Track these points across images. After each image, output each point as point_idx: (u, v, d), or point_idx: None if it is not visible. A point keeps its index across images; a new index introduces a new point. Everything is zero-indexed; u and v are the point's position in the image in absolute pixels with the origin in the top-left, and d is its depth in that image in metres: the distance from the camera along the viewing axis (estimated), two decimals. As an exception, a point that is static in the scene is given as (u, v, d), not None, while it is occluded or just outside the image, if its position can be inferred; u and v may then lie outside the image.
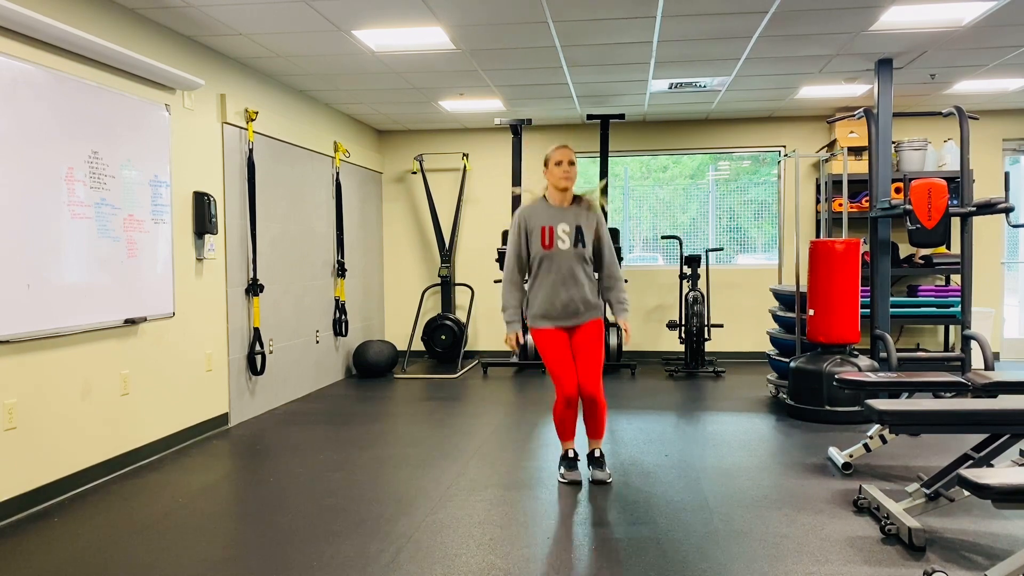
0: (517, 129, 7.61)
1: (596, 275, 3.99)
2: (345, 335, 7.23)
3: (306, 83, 6.24)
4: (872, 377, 3.88)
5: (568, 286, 3.84)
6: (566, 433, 3.96)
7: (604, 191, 4.08)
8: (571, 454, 3.97)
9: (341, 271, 7.23)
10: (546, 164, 3.90)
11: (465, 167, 8.43)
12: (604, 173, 7.53)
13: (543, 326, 3.89)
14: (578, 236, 3.84)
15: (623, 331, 3.96)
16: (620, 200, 8.54)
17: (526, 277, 3.98)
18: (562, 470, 3.96)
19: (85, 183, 3.90)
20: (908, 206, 5.24)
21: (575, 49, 5.32)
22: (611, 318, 7.68)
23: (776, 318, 6.26)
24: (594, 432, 3.99)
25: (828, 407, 5.21)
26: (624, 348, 8.26)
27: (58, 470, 3.80)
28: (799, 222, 5.96)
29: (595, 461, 4.00)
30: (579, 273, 3.85)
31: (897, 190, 7.18)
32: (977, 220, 7.51)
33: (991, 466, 3.28)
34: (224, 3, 4.28)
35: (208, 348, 5.09)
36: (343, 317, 7.18)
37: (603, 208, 4.06)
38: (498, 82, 6.30)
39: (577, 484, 3.89)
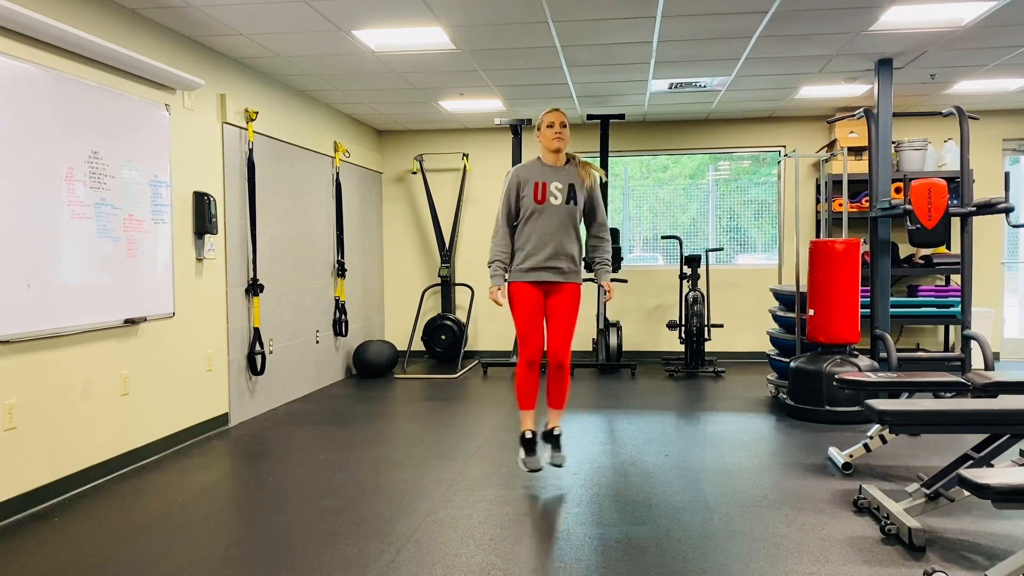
0: (517, 129, 7.60)
1: (584, 236, 4.04)
2: (345, 335, 7.23)
3: (306, 83, 6.24)
4: (872, 377, 3.88)
5: (555, 240, 3.86)
6: (526, 399, 3.96)
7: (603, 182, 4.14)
8: (529, 435, 3.96)
9: (341, 271, 7.23)
10: (538, 128, 3.94)
11: (465, 167, 8.43)
12: (603, 173, 7.52)
13: (522, 279, 3.89)
14: (570, 194, 3.88)
15: (605, 291, 4.00)
16: (620, 200, 8.54)
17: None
18: (522, 455, 3.94)
19: (85, 183, 3.90)
20: (908, 206, 5.24)
21: (575, 49, 5.32)
22: (604, 314, 7.69)
23: (776, 318, 6.26)
24: (556, 401, 3.99)
25: (828, 407, 5.21)
26: (624, 348, 8.28)
27: (58, 470, 3.80)
28: (799, 222, 5.96)
29: (554, 440, 3.99)
30: (568, 229, 3.88)
31: (897, 190, 7.18)
32: (977, 220, 7.52)
33: (991, 466, 3.28)
34: (224, 3, 4.28)
35: (208, 348, 5.09)
36: (343, 317, 7.18)
37: (603, 182, 4.07)
38: (498, 82, 6.30)
39: (537, 472, 3.93)
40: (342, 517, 3.46)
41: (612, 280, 4.23)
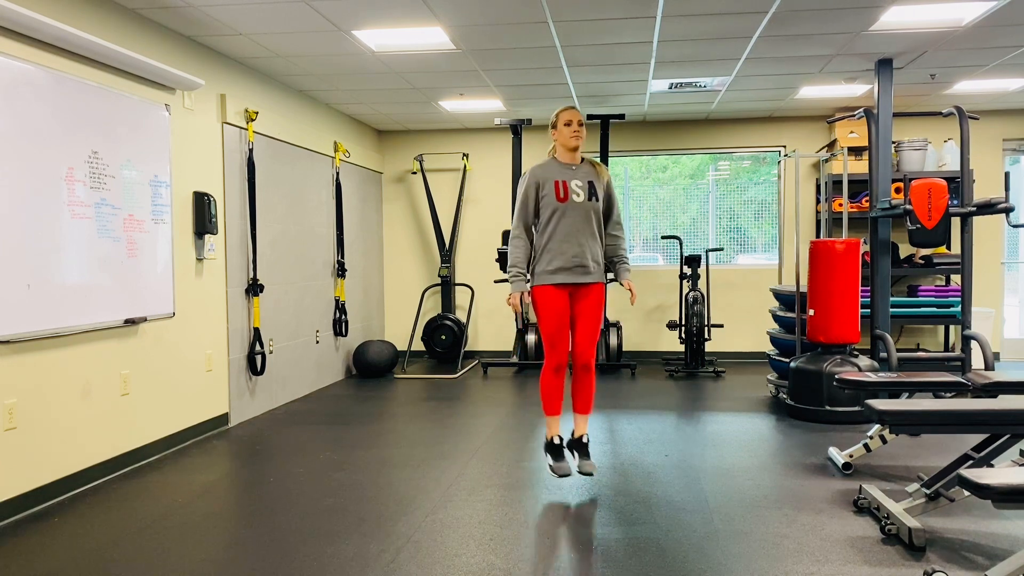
0: (517, 129, 7.61)
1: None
2: (345, 335, 7.23)
3: (306, 83, 6.24)
4: (872, 377, 3.88)
5: (580, 239, 3.81)
6: (552, 404, 3.88)
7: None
8: (556, 440, 3.89)
9: (341, 271, 7.23)
10: (554, 126, 3.89)
11: (465, 167, 8.43)
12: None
13: (548, 282, 3.82)
14: (591, 190, 3.84)
15: (629, 291, 3.92)
16: (620, 200, 8.52)
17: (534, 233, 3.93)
18: (550, 461, 3.87)
19: (85, 183, 3.90)
20: (908, 206, 5.24)
21: (575, 49, 5.32)
22: (617, 307, 7.70)
23: (776, 318, 6.26)
24: (583, 405, 3.92)
25: (828, 407, 5.21)
26: (624, 348, 8.28)
27: (58, 470, 3.80)
28: (799, 222, 5.96)
29: (582, 448, 3.91)
30: (592, 226, 3.84)
31: (897, 190, 7.18)
32: (977, 220, 7.52)
33: (991, 466, 3.28)
34: (224, 3, 4.28)
35: (208, 348, 5.09)
36: (343, 317, 7.18)
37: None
38: (498, 82, 6.30)
39: (567, 477, 3.86)
40: (342, 517, 3.46)
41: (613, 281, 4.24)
